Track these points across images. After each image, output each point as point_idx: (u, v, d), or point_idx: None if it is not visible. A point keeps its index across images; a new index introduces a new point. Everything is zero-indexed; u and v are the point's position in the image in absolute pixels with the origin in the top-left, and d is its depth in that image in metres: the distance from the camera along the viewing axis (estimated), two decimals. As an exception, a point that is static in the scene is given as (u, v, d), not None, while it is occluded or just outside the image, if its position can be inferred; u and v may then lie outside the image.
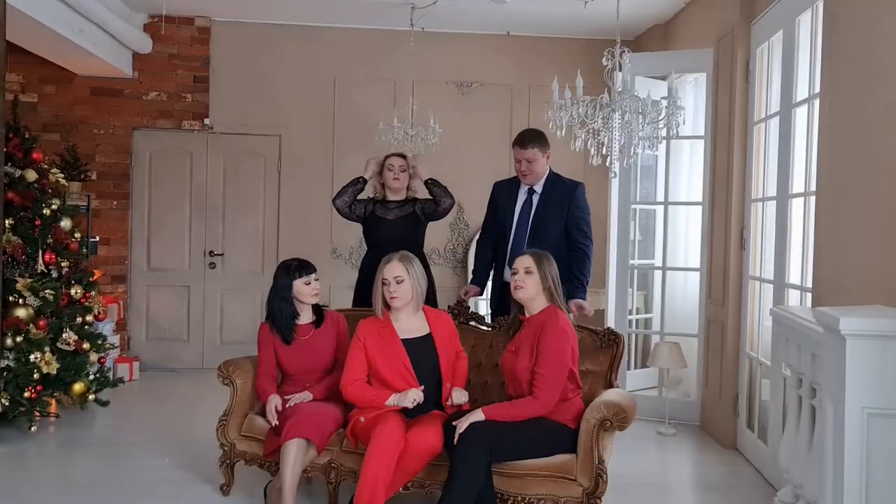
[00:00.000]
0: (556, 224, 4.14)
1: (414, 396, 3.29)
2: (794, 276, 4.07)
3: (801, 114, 4.01)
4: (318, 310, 3.74)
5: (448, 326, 3.57)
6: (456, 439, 3.07)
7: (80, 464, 4.25)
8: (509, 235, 4.23)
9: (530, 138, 4.20)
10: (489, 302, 4.52)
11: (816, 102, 3.72)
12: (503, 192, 4.36)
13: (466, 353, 3.88)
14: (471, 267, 5.30)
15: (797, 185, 4.05)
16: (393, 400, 3.30)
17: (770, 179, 4.42)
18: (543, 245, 3.94)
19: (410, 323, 3.48)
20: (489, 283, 4.51)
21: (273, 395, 3.55)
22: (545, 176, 4.24)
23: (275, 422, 3.45)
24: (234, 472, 3.74)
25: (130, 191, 6.76)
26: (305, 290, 3.63)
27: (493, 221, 4.38)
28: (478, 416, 3.14)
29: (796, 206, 4.05)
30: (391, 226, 4.51)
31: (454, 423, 3.14)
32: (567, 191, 4.21)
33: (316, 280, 3.68)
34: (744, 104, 4.70)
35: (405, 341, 3.43)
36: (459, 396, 3.44)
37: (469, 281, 4.56)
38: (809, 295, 3.73)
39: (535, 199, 4.22)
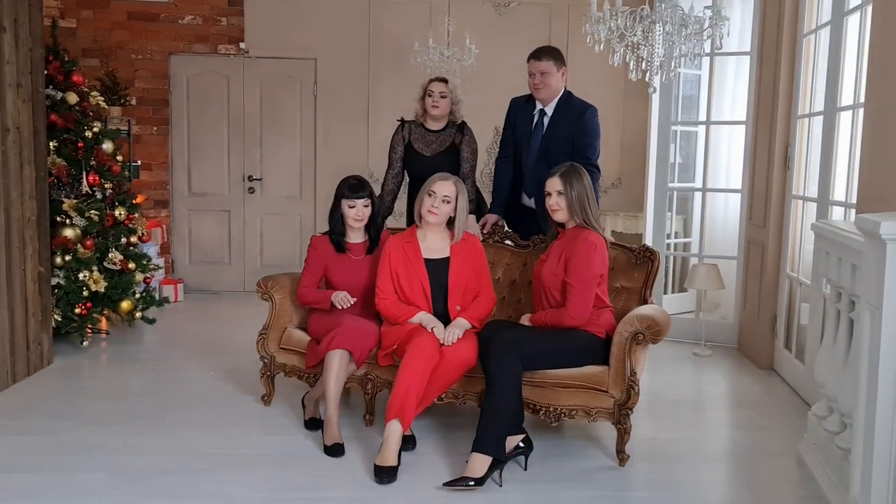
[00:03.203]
0: (563, 151, 3.96)
1: (435, 326, 3.28)
2: (838, 193, 3.97)
3: (853, 22, 3.84)
4: (373, 235, 3.70)
5: (471, 251, 3.51)
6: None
7: (131, 376, 4.44)
8: (524, 160, 4.12)
9: (546, 51, 4.04)
10: (507, 219, 4.41)
11: (869, 8, 3.54)
12: (520, 111, 4.19)
13: (500, 271, 3.91)
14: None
15: (846, 98, 3.90)
16: (417, 319, 3.35)
17: (818, 94, 4.27)
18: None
19: (437, 243, 3.49)
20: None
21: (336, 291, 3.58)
22: (558, 97, 4.06)
23: (350, 302, 3.51)
24: (275, 383, 3.87)
25: (170, 116, 6.82)
26: (349, 213, 3.61)
27: (509, 138, 4.24)
28: (524, 322, 3.38)
29: (844, 120, 3.91)
30: (430, 163, 4.24)
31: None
32: (575, 114, 4.00)
33: (365, 206, 3.60)
34: (793, 15, 4.51)
35: (427, 261, 3.46)
36: (453, 331, 3.27)
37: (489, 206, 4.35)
38: (853, 211, 3.64)
39: (546, 121, 4.07)
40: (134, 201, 5.33)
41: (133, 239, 5.23)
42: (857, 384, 2.47)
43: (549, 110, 4.06)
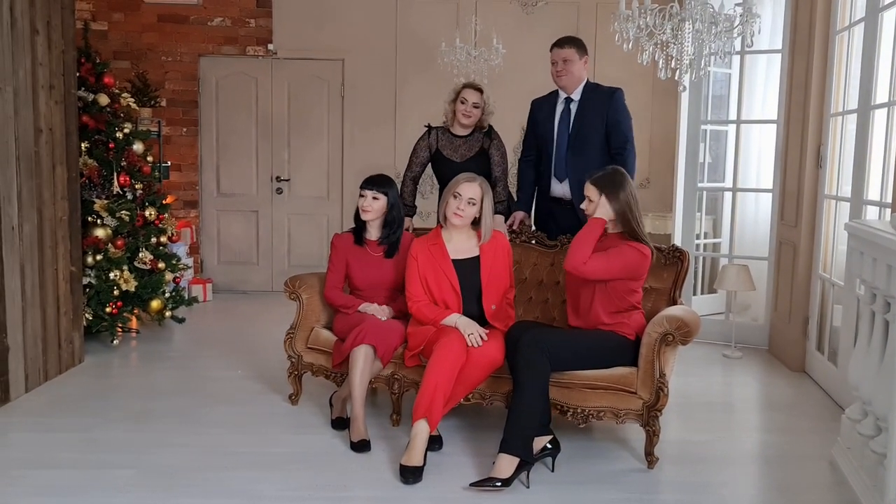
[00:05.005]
0: (597, 131, 3.99)
1: (474, 332, 3.26)
2: (873, 192, 3.89)
3: (888, 17, 3.76)
4: (389, 239, 3.72)
5: (498, 248, 3.50)
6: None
7: (160, 374, 4.48)
8: (552, 148, 4.11)
9: (568, 39, 4.08)
10: (534, 219, 4.41)
11: (906, 4, 3.47)
12: (541, 108, 4.21)
13: (528, 271, 3.90)
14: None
15: (881, 95, 3.82)
16: (452, 321, 3.34)
17: (851, 92, 4.19)
18: (585, 154, 3.88)
19: (463, 243, 3.49)
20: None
21: (363, 302, 3.68)
22: (582, 84, 4.08)
23: (386, 316, 3.60)
24: (302, 382, 3.89)
25: (199, 117, 6.89)
26: (359, 202, 3.69)
27: (532, 138, 4.26)
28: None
29: (879, 117, 3.83)
30: (460, 168, 4.17)
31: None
32: (605, 96, 4.04)
33: (374, 198, 3.65)
34: (826, 11, 4.43)
35: (455, 262, 3.45)
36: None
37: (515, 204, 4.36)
38: (888, 211, 3.56)
39: (574, 107, 4.07)
40: (164, 202, 5.39)
41: (163, 239, 5.29)
42: (893, 387, 2.41)
43: (576, 96, 4.08)
